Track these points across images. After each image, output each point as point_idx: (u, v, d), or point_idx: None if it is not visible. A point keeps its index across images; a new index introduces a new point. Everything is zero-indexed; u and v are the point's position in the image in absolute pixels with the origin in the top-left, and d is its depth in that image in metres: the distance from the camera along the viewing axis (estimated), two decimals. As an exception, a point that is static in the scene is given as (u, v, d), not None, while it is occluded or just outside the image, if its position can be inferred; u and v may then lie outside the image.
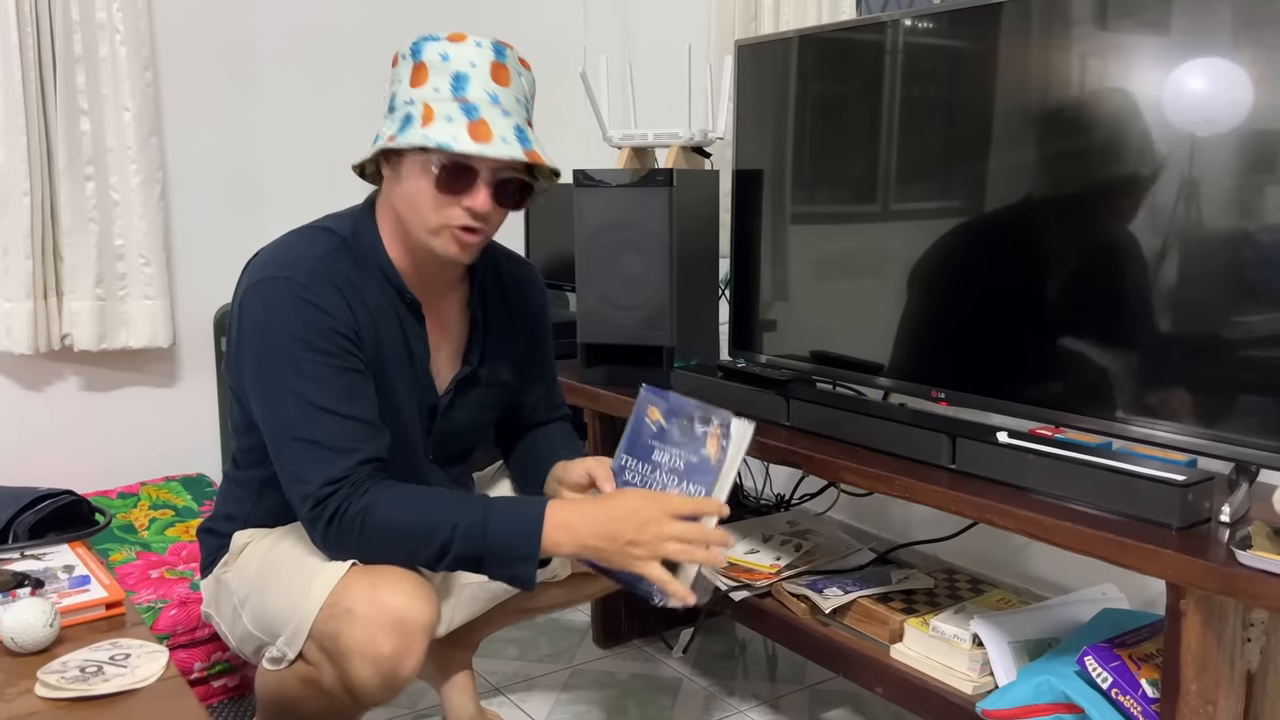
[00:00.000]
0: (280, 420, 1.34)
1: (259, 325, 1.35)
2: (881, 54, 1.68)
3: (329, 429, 1.32)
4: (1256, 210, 1.25)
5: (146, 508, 2.28)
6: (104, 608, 1.23)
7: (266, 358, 1.34)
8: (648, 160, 2.25)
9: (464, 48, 1.34)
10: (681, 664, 2.12)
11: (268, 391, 1.35)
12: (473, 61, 1.33)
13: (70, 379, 2.36)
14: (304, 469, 1.32)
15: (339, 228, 1.43)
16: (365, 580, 1.31)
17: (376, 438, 1.36)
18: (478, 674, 1.87)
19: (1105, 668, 1.31)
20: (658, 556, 1.31)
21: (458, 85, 1.33)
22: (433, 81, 1.33)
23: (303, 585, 1.35)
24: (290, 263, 1.37)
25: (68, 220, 2.23)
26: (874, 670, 1.60)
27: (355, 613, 1.29)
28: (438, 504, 1.34)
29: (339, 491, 1.30)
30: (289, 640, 1.36)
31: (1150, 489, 1.27)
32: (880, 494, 1.55)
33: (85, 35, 2.21)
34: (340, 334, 1.35)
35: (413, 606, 1.30)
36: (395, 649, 1.28)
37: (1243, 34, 1.25)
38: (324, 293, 1.35)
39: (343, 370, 1.35)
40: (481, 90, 1.33)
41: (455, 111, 1.32)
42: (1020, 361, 1.52)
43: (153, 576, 1.96)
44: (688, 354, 2.11)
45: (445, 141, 1.30)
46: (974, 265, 1.59)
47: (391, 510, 1.31)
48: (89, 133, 2.23)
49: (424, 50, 1.34)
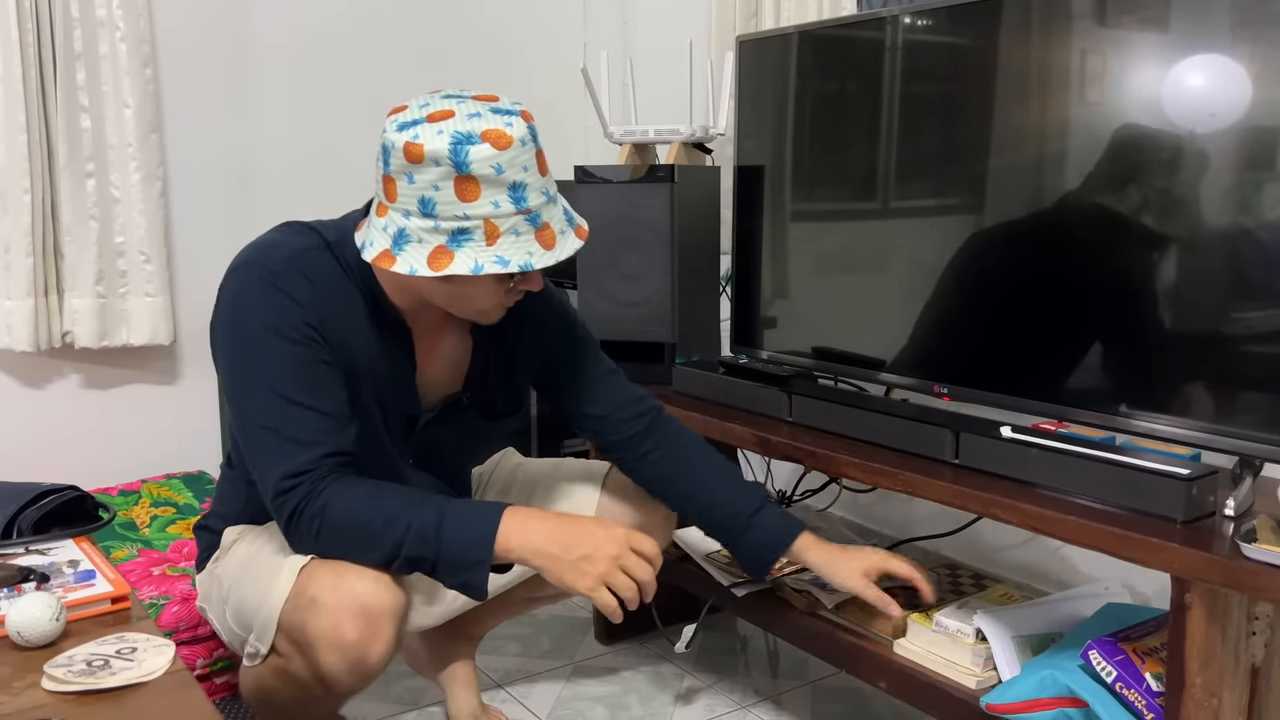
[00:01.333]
0: (245, 408, 1.33)
1: (230, 310, 1.34)
2: (882, 50, 1.68)
3: (293, 419, 1.30)
4: (1259, 205, 1.25)
5: (148, 505, 2.28)
6: (109, 602, 1.23)
7: (237, 345, 1.34)
8: (648, 157, 2.25)
9: (512, 153, 1.25)
10: (683, 660, 2.12)
11: (235, 379, 1.35)
12: (524, 165, 1.26)
13: (71, 376, 2.36)
14: (266, 460, 1.31)
15: (324, 230, 1.41)
16: (329, 569, 1.30)
17: (340, 431, 1.34)
18: (479, 670, 1.86)
19: (1110, 661, 1.31)
20: (605, 582, 1.31)
21: (518, 198, 1.27)
22: (489, 196, 1.25)
23: (270, 578, 1.35)
24: (265, 250, 1.36)
25: (68, 217, 2.23)
26: (877, 665, 1.60)
27: (319, 601, 1.28)
28: (393, 503, 1.31)
29: (299, 487, 1.29)
30: (260, 635, 1.36)
31: (1154, 483, 1.27)
32: (884, 489, 1.55)
33: (85, 32, 2.20)
34: (308, 323, 1.33)
35: (377, 592, 1.29)
36: (361, 635, 1.27)
37: (1242, 30, 1.25)
38: (295, 282, 1.34)
39: (311, 361, 1.33)
40: (539, 194, 1.29)
41: (522, 225, 1.28)
42: (1024, 356, 1.53)
43: (154, 573, 1.96)
44: (689, 350, 2.11)
45: (527, 263, 1.28)
46: (977, 261, 1.59)
47: (347, 508, 1.30)
48: (89, 130, 2.23)
49: (471, 162, 1.23)
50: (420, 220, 1.27)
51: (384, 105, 2.58)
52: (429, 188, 1.25)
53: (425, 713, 1.90)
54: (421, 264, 1.27)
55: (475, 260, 1.27)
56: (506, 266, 1.27)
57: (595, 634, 2.21)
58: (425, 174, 1.24)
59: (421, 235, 1.27)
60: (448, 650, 1.77)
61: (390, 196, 1.28)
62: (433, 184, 1.25)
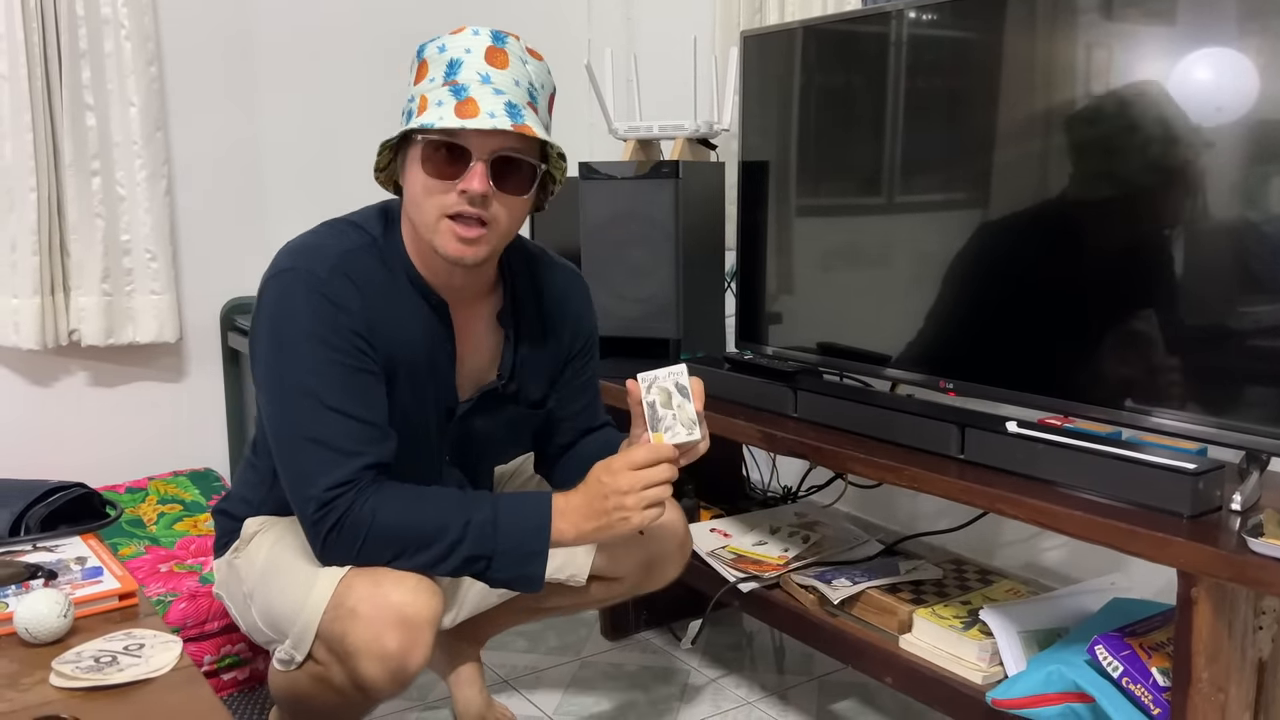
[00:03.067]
0: (286, 417, 1.33)
1: (273, 318, 1.34)
2: (887, 44, 1.68)
3: (337, 429, 1.30)
4: (1266, 199, 1.25)
5: (155, 502, 2.29)
6: (117, 599, 1.23)
7: (278, 352, 1.33)
8: (653, 152, 2.25)
9: (460, 37, 1.32)
10: (689, 656, 2.12)
11: (276, 386, 1.34)
12: (468, 48, 1.31)
13: (78, 374, 2.36)
14: (309, 469, 1.31)
15: (369, 226, 1.41)
16: (367, 579, 1.30)
17: (383, 441, 1.34)
18: (486, 667, 1.87)
19: (1116, 656, 1.31)
20: (644, 506, 1.32)
21: (450, 71, 1.30)
22: (430, 74, 1.31)
23: (305, 586, 1.34)
24: (312, 254, 1.35)
25: (74, 215, 2.23)
26: (883, 660, 1.60)
27: (359, 612, 1.28)
28: (445, 504, 1.33)
29: (344, 495, 1.29)
30: (296, 643, 1.36)
31: (1161, 478, 1.27)
32: (889, 485, 1.55)
33: (90, 30, 2.20)
34: (355, 331, 1.32)
35: (416, 601, 1.29)
36: (401, 645, 1.28)
37: (1249, 22, 1.25)
38: (341, 288, 1.33)
39: (355, 370, 1.33)
40: (473, 72, 1.29)
41: (445, 95, 1.28)
42: (1029, 351, 1.52)
43: (161, 570, 1.97)
44: (694, 346, 2.11)
45: (428, 121, 1.27)
46: (983, 256, 1.59)
47: (397, 513, 1.30)
48: (95, 128, 2.23)
49: (425, 48, 1.34)
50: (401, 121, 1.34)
51: (389, 100, 2.58)
52: (409, 87, 1.35)
53: (432, 709, 1.91)
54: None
55: (400, 130, 1.32)
56: (408, 123, 1.30)
57: (601, 630, 2.21)
58: (410, 75, 1.35)
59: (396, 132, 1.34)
60: (455, 652, 1.77)
61: None
62: (410, 82, 1.35)
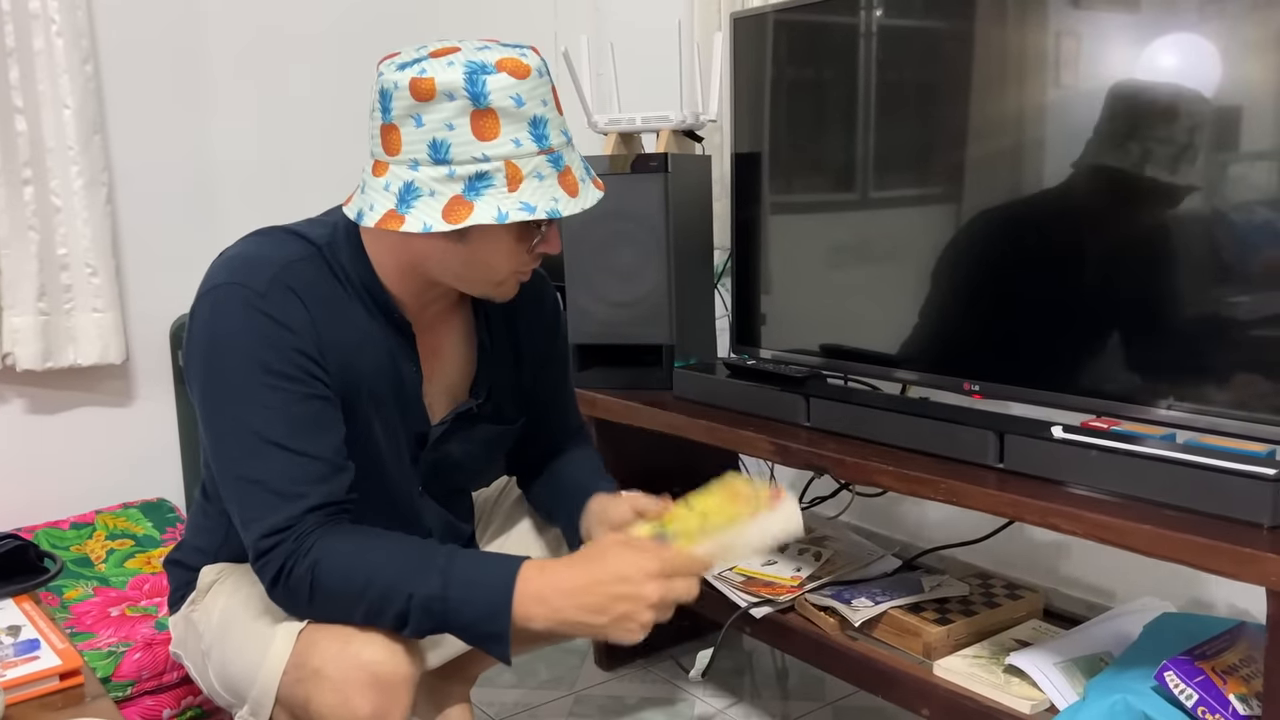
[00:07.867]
0: (224, 453, 1.17)
1: (207, 342, 1.17)
2: (882, 27, 1.56)
3: (276, 468, 1.14)
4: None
5: (103, 538, 2.11)
6: (58, 678, 1.04)
7: (213, 378, 1.16)
8: (635, 146, 2.11)
9: (531, 83, 1.13)
10: (690, 684, 1.98)
11: (213, 418, 1.17)
12: (543, 99, 1.15)
13: (14, 402, 2.18)
14: (246, 513, 1.15)
15: (312, 234, 1.24)
16: (332, 633, 1.15)
17: (332, 478, 1.17)
18: (475, 706, 1.72)
19: (1189, 683, 1.18)
20: (650, 624, 1.15)
21: (538, 134, 1.14)
22: (509, 132, 1.12)
23: (262, 643, 1.19)
24: (248, 266, 1.18)
25: (4, 228, 2.05)
26: (917, 690, 1.47)
27: (324, 673, 1.13)
28: (390, 567, 1.14)
29: (282, 545, 1.13)
30: (255, 709, 1.20)
31: (1236, 484, 1.15)
32: (923, 498, 1.41)
33: (18, 26, 2.02)
34: (301, 352, 1.16)
35: (390, 660, 1.13)
36: (375, 709, 1.12)
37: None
38: (283, 302, 1.16)
39: (302, 397, 1.16)
40: (557, 131, 1.16)
41: (545, 167, 1.15)
42: (1065, 347, 1.40)
43: (113, 615, 1.79)
44: (686, 352, 1.97)
45: (554, 210, 1.15)
46: (1010, 244, 1.47)
47: (339, 572, 1.13)
48: (25, 133, 2.05)
49: (489, 93, 1.10)
50: (432, 169, 1.12)
51: (351, 102, 2.41)
52: (442, 128, 1.11)
53: (417, 757, 1.75)
54: (436, 218, 1.12)
55: (498, 208, 1.12)
56: (533, 213, 1.13)
57: (595, 660, 2.07)
58: (437, 112, 1.10)
59: (434, 186, 1.12)
60: (442, 693, 1.62)
61: (392, 149, 1.13)
62: (446, 123, 1.10)
